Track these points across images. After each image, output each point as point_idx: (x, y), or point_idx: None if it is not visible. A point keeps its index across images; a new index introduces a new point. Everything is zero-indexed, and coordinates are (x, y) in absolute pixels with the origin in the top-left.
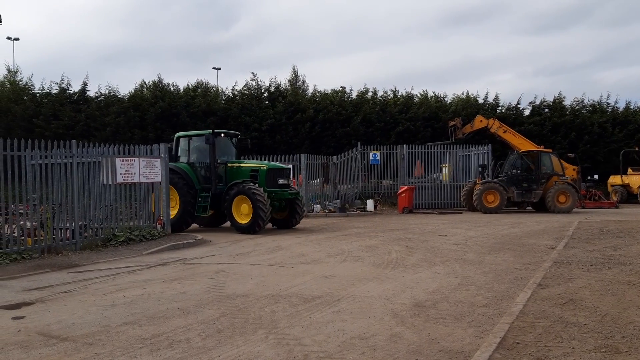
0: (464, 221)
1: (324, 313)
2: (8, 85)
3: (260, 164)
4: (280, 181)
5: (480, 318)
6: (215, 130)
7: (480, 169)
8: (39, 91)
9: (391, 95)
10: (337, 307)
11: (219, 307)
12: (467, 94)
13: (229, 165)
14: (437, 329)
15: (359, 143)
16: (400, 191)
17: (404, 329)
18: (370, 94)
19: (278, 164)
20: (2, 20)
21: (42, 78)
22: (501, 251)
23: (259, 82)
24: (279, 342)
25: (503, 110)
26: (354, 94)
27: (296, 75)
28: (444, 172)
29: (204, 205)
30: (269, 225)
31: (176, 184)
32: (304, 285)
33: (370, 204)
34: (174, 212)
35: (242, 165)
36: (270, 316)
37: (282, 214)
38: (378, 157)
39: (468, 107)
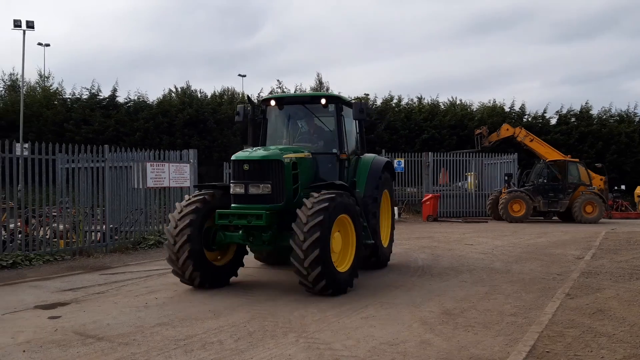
0: (490, 230)
1: (353, 318)
2: (39, 90)
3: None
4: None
5: (509, 327)
6: (264, 97)
7: (506, 178)
8: (70, 96)
9: (416, 102)
10: (365, 313)
11: (249, 311)
12: (494, 102)
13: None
14: (466, 337)
15: (383, 150)
16: (424, 199)
17: (433, 336)
18: (395, 101)
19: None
20: (34, 26)
21: (73, 83)
22: (528, 260)
23: (284, 89)
24: (309, 345)
25: (529, 119)
26: (379, 101)
27: (320, 82)
28: (469, 181)
29: None
30: None
31: None
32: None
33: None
34: None
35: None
36: (299, 320)
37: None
38: (402, 165)
39: (494, 115)
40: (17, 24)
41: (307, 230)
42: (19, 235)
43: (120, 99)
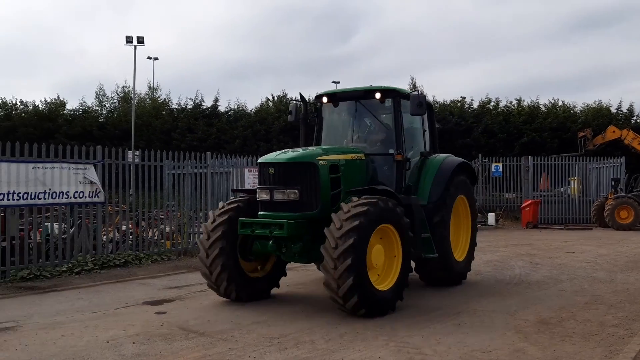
0: (594, 238)
1: (444, 325)
2: (149, 102)
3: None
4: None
5: (609, 338)
6: (317, 94)
7: (612, 183)
8: (176, 106)
9: (515, 104)
10: (458, 320)
11: (340, 313)
12: (599, 103)
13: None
14: (562, 347)
15: (480, 154)
16: (524, 205)
17: (527, 345)
18: (492, 103)
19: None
20: (144, 42)
21: (179, 94)
22: (634, 270)
23: None
24: (399, 349)
25: (638, 120)
26: (475, 104)
27: (415, 86)
28: (572, 186)
29: None
30: None
31: None
32: (424, 297)
33: (491, 217)
34: None
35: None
36: (390, 324)
37: None
38: (500, 169)
39: (599, 117)
40: (129, 40)
41: (339, 236)
42: (130, 236)
43: (222, 108)
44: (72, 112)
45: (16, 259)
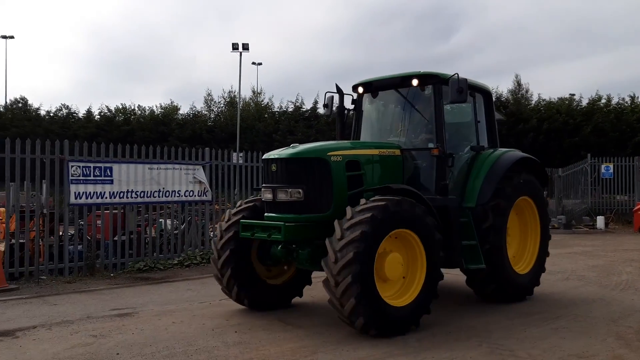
0: None
1: (541, 328)
2: (253, 105)
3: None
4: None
5: None
6: (355, 84)
7: None
8: (278, 110)
9: (629, 102)
10: (556, 324)
11: (433, 313)
12: None
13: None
14: None
15: (589, 154)
16: (636, 208)
17: (628, 352)
18: (603, 101)
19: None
20: (249, 48)
21: (280, 98)
22: None
23: None
24: (492, 351)
25: None
26: (584, 102)
27: (519, 84)
28: None
29: None
30: None
31: None
32: (520, 301)
33: (600, 220)
34: None
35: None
36: (483, 326)
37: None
38: (611, 170)
39: None
40: (235, 47)
41: (339, 248)
42: None
43: (321, 110)
44: (183, 117)
45: (134, 252)
